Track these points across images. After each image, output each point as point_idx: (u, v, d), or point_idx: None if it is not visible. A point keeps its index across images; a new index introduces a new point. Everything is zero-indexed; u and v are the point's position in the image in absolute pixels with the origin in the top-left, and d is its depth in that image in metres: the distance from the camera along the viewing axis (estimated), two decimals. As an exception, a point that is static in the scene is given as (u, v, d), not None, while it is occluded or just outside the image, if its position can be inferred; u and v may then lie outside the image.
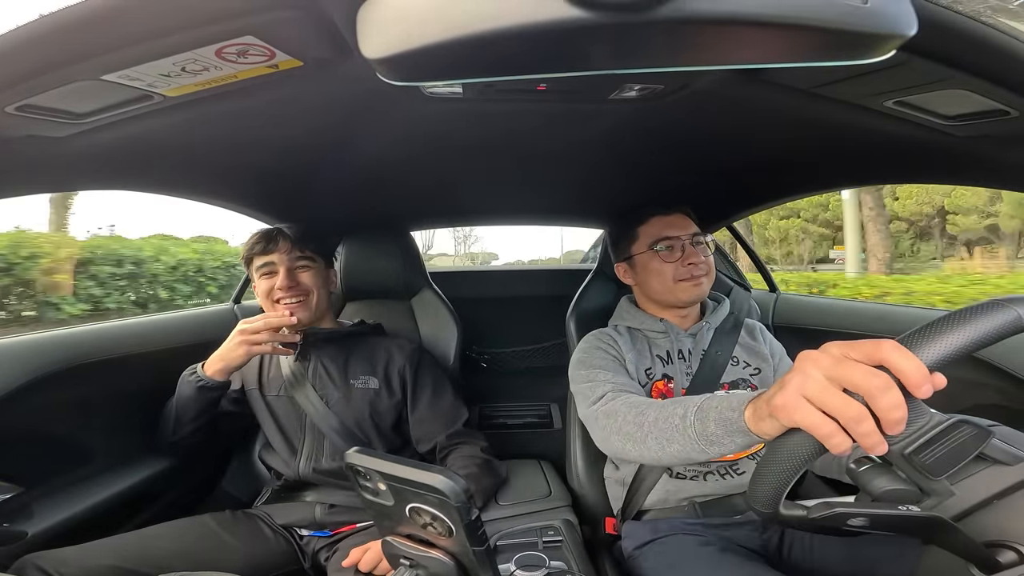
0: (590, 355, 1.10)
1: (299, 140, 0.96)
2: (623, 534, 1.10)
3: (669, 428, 0.76)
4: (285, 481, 1.21)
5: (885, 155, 0.93)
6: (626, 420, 0.86)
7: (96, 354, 1.15)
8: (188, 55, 0.54)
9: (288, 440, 1.21)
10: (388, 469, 0.64)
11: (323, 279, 1.27)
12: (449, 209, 1.78)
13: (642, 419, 0.82)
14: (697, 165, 1.18)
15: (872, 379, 0.47)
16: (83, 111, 0.64)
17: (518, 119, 0.90)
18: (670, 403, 0.80)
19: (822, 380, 0.50)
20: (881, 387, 0.47)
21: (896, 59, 0.47)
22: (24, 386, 0.99)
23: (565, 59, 0.45)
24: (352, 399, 1.21)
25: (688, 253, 1.10)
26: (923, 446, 0.50)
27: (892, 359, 0.47)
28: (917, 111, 0.70)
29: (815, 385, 0.50)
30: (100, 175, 0.92)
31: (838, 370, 0.50)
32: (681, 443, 0.73)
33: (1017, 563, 0.48)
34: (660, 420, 0.78)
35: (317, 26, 0.52)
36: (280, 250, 1.21)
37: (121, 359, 1.20)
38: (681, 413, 0.74)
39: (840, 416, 0.48)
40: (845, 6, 0.38)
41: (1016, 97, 0.59)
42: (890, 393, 0.46)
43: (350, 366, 1.25)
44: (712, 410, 0.69)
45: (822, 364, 0.51)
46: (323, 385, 1.23)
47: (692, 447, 0.72)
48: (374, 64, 0.45)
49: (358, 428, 1.20)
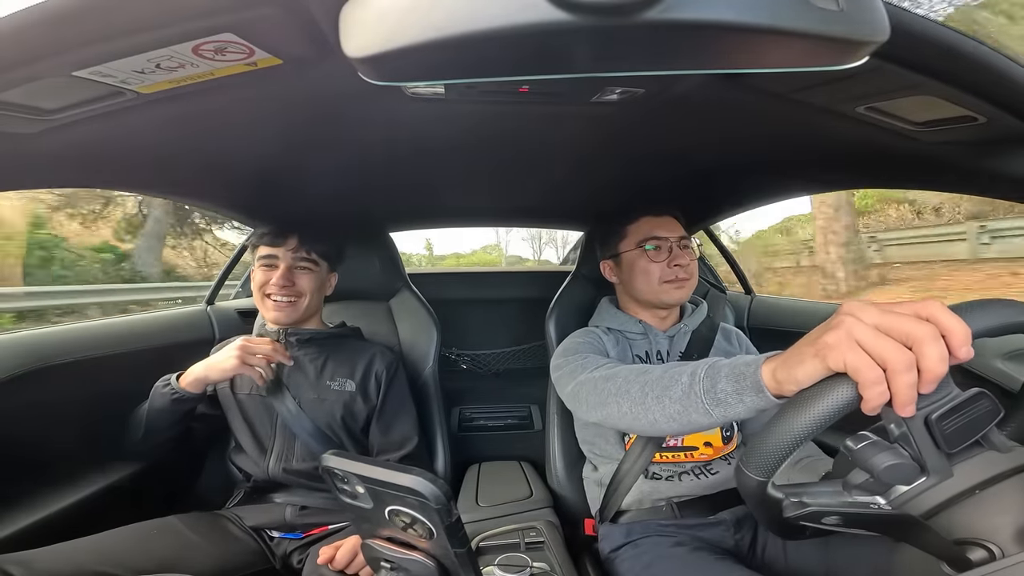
0: (579, 346, 1.10)
1: (277, 139, 0.95)
2: (600, 536, 1.11)
3: (674, 385, 0.72)
4: (255, 482, 1.19)
5: (857, 160, 0.95)
6: (627, 380, 0.81)
7: (64, 356, 1.12)
8: (164, 52, 0.53)
9: (258, 440, 1.20)
10: (366, 472, 0.63)
11: (320, 283, 1.26)
12: (430, 210, 1.77)
13: (645, 377, 0.78)
14: (677, 168, 1.20)
15: (922, 327, 0.47)
16: (53, 107, 0.63)
17: (500, 120, 0.90)
18: (677, 364, 0.77)
19: (872, 326, 0.50)
20: (931, 336, 0.47)
21: (868, 65, 0.48)
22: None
23: (547, 62, 0.45)
24: (326, 400, 1.20)
25: (675, 255, 1.12)
26: (946, 414, 0.50)
27: (939, 316, 0.48)
28: (887, 117, 0.72)
29: (866, 330, 0.50)
30: (71, 172, 0.90)
31: (888, 319, 0.49)
32: (684, 403, 0.70)
33: (987, 560, 0.49)
34: (665, 378, 0.74)
35: (298, 24, 0.51)
36: (286, 246, 1.20)
37: (90, 361, 1.17)
38: (690, 371, 0.71)
39: (890, 362, 0.48)
40: (821, 12, 0.39)
41: (984, 104, 0.61)
42: (938, 344, 0.47)
43: (327, 367, 1.24)
44: (724, 366, 0.67)
45: (870, 312, 0.51)
46: (297, 385, 1.21)
47: (696, 407, 0.68)
48: (356, 63, 0.44)
49: (330, 430, 1.19)
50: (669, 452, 1.09)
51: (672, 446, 1.09)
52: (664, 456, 1.09)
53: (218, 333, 1.54)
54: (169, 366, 1.25)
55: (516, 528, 1.04)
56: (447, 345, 1.57)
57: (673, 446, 1.09)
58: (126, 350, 1.26)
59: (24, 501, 1.00)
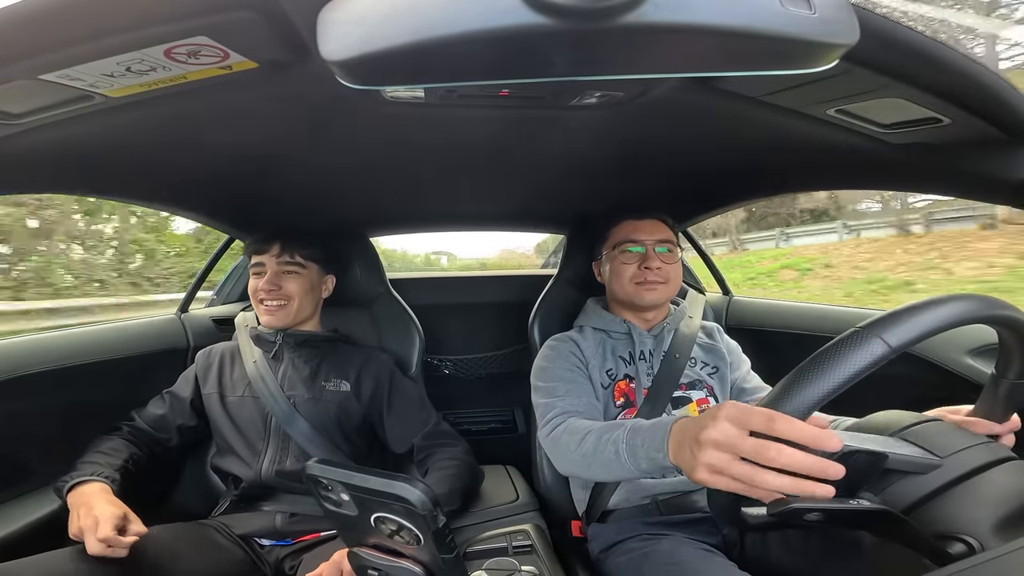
0: (551, 362, 1.14)
1: (253, 144, 0.93)
2: (589, 537, 1.12)
3: (607, 461, 0.82)
4: (244, 488, 1.17)
5: (827, 162, 0.97)
6: (569, 448, 0.93)
7: (32, 366, 1.09)
8: (134, 55, 0.51)
9: (250, 443, 1.18)
10: (350, 479, 0.62)
11: (309, 286, 1.26)
12: (410, 215, 1.76)
13: (583, 449, 0.89)
14: (656, 170, 1.21)
15: (764, 451, 0.52)
16: (18, 111, 0.61)
17: (480, 124, 0.90)
18: (605, 432, 0.86)
19: (720, 454, 0.56)
20: (773, 457, 0.52)
21: (839, 68, 0.50)
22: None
23: (526, 65, 0.46)
24: (321, 400, 1.20)
25: (648, 257, 1.14)
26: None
27: (779, 430, 0.52)
28: (856, 119, 0.73)
29: (716, 457, 0.56)
30: (38, 178, 0.88)
31: (731, 442, 0.55)
32: (620, 472, 0.81)
33: (966, 554, 0.49)
34: (598, 452, 0.85)
35: (275, 27, 0.51)
36: (270, 252, 1.22)
37: (59, 371, 1.14)
38: (613, 450, 0.81)
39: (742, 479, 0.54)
40: (795, 16, 0.40)
41: (948, 105, 0.62)
42: (782, 455, 0.51)
43: (322, 369, 1.25)
44: (640, 448, 0.75)
45: (721, 433, 0.56)
46: (292, 386, 1.22)
47: (632, 475, 0.79)
48: (333, 67, 0.44)
49: (324, 431, 1.19)
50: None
51: None
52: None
53: (192, 341, 1.51)
54: (142, 374, 1.22)
55: (503, 532, 1.03)
56: (428, 351, 1.56)
57: None
58: (97, 359, 1.23)
59: None
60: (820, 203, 15.50)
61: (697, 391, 1.15)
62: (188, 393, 1.24)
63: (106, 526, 0.85)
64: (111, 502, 0.92)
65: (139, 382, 1.34)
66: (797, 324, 1.51)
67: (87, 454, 1.06)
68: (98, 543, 0.84)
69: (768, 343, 1.26)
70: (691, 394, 1.15)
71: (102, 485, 0.96)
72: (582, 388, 1.10)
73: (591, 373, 1.14)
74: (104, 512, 0.87)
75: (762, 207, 15.93)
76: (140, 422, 1.19)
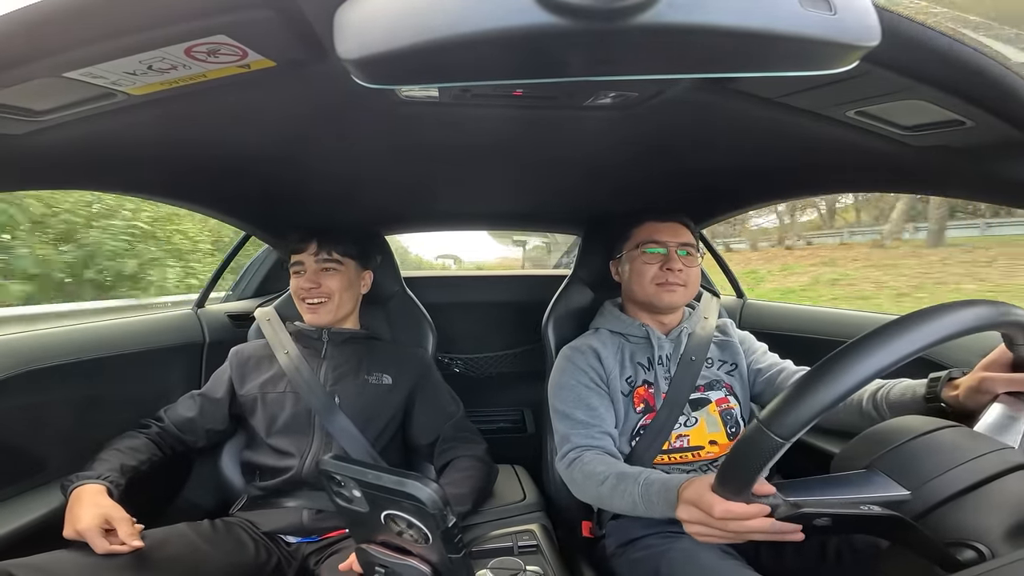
0: (569, 378, 1.15)
1: (270, 142, 0.94)
2: (607, 532, 1.11)
3: (623, 507, 0.91)
4: (277, 484, 1.17)
5: (846, 164, 0.96)
6: (586, 488, 1.01)
7: (51, 359, 1.11)
8: (156, 53, 0.52)
9: (293, 438, 1.19)
10: (363, 476, 0.63)
11: (348, 282, 1.28)
12: (424, 214, 1.77)
13: (600, 491, 0.96)
14: (670, 171, 1.21)
15: (726, 527, 0.67)
16: (42, 108, 0.62)
17: (494, 124, 0.90)
18: (620, 482, 0.92)
19: (694, 526, 0.73)
20: (736, 532, 0.67)
21: (859, 69, 0.49)
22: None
23: (540, 66, 0.45)
24: (364, 394, 1.23)
25: (670, 259, 1.14)
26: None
27: (717, 521, 0.68)
28: (877, 121, 0.72)
29: (693, 528, 0.73)
30: (60, 174, 0.89)
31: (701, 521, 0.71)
32: (637, 514, 0.90)
33: (976, 561, 0.49)
34: (615, 498, 0.93)
35: (292, 26, 0.51)
36: (308, 251, 1.25)
37: (77, 364, 1.16)
38: (631, 500, 0.89)
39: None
40: (814, 17, 0.39)
41: (972, 107, 0.61)
42: (742, 529, 0.66)
43: (364, 364, 1.27)
44: (655, 505, 0.85)
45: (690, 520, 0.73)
46: (336, 380, 1.24)
47: (652, 516, 0.87)
48: (349, 66, 0.44)
49: (368, 424, 1.21)
50: (676, 453, 1.10)
51: (678, 447, 1.10)
52: (672, 457, 1.09)
53: (208, 336, 1.53)
54: (157, 368, 1.23)
55: (509, 532, 1.04)
56: (439, 349, 1.57)
57: (679, 447, 1.10)
58: (113, 353, 1.25)
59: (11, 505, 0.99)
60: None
61: (716, 391, 1.15)
62: (222, 394, 1.25)
63: (90, 534, 0.87)
64: (97, 504, 0.92)
65: (156, 376, 1.36)
66: (811, 328, 1.49)
67: (105, 451, 1.07)
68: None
69: (782, 347, 1.25)
70: (710, 395, 1.14)
71: (99, 487, 0.96)
72: (600, 413, 1.10)
73: (610, 383, 1.14)
74: (86, 518, 0.89)
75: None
76: (168, 423, 1.20)
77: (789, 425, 0.56)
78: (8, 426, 1.03)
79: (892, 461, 0.60)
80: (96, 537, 0.87)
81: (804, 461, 1.02)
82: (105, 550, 0.86)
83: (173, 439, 1.19)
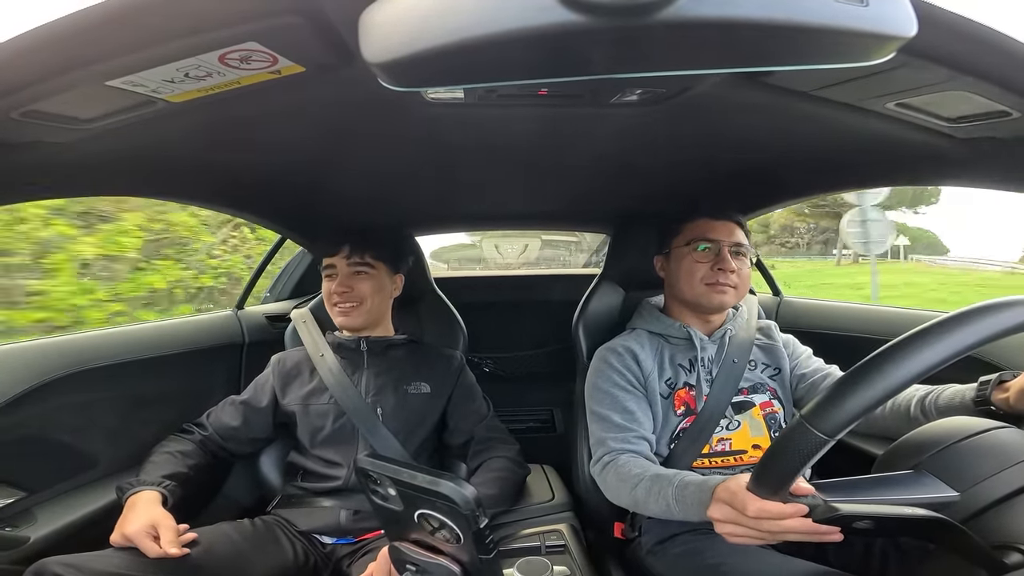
0: (605, 381, 1.13)
1: (302, 146, 0.97)
2: (643, 530, 1.09)
3: (658, 510, 0.90)
4: (322, 487, 1.17)
5: (888, 157, 0.93)
6: (620, 491, 0.99)
7: (98, 360, 1.15)
8: (191, 61, 0.54)
9: (337, 448, 1.19)
10: (399, 475, 0.64)
11: (380, 286, 1.28)
12: (452, 214, 1.78)
13: (634, 495, 0.95)
14: (700, 168, 1.19)
15: (759, 527, 0.67)
16: (87, 116, 0.65)
17: (520, 123, 0.90)
18: (654, 484, 0.91)
19: (726, 525, 0.72)
20: (770, 532, 0.66)
21: (897, 61, 0.47)
22: (28, 391, 0.99)
23: (565, 64, 0.45)
24: (406, 406, 1.23)
25: (722, 259, 1.10)
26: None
27: (750, 521, 0.67)
28: (919, 113, 0.70)
29: (725, 528, 0.73)
30: (105, 180, 0.93)
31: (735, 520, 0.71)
32: (671, 517, 0.89)
33: (1023, 564, 0.47)
34: (649, 501, 0.92)
35: (319, 32, 0.52)
36: (341, 255, 1.24)
37: (123, 365, 1.20)
38: (664, 504, 0.88)
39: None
40: (845, 8, 0.38)
41: (1017, 98, 0.59)
42: (777, 530, 0.65)
43: (404, 373, 1.27)
44: (690, 508, 0.84)
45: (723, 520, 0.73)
46: (377, 390, 1.24)
47: (686, 519, 0.87)
48: (375, 69, 0.45)
49: (411, 434, 1.22)
50: (717, 457, 1.07)
51: (719, 451, 1.07)
52: (713, 461, 1.07)
53: (247, 337, 1.57)
54: (200, 369, 1.27)
55: (537, 531, 1.03)
56: (469, 349, 1.58)
57: (720, 451, 1.07)
58: (156, 354, 1.29)
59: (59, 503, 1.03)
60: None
61: (760, 395, 1.12)
62: (266, 403, 1.25)
63: (139, 537, 0.88)
64: (149, 512, 0.93)
65: (198, 376, 1.40)
66: (851, 326, 1.45)
67: (156, 453, 1.09)
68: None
69: (821, 345, 1.21)
70: (753, 398, 1.11)
71: (154, 495, 0.97)
72: (636, 416, 1.08)
73: (648, 385, 1.11)
74: (135, 524, 0.90)
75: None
76: (211, 431, 1.21)
77: (833, 421, 0.54)
78: (58, 425, 1.08)
79: (941, 462, 0.58)
80: (145, 540, 0.88)
81: (843, 463, 0.99)
82: (155, 554, 0.87)
83: (216, 446, 1.21)
